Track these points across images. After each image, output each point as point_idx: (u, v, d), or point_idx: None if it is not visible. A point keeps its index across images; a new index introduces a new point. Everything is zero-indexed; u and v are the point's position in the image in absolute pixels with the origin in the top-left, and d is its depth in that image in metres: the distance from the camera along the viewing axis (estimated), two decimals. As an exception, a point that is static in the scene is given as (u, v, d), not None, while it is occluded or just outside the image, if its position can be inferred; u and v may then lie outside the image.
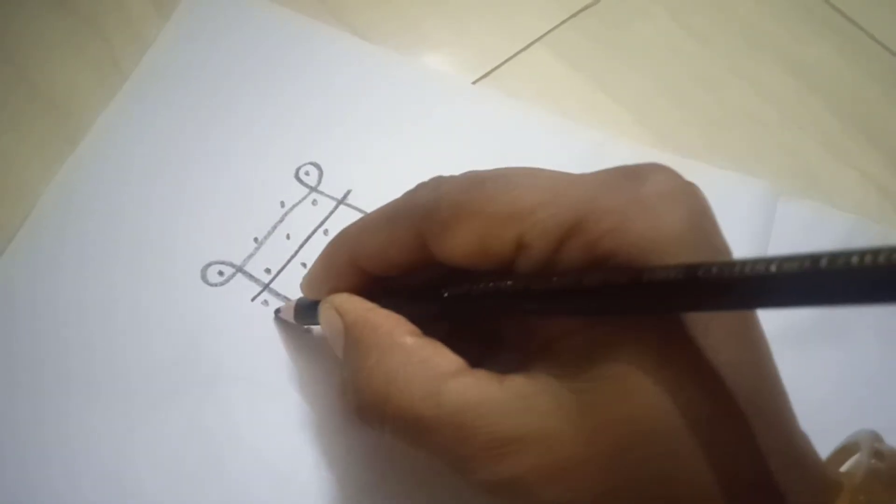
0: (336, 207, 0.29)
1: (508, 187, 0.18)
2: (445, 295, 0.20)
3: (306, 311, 0.25)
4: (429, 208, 0.19)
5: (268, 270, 0.28)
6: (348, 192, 0.29)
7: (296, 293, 0.25)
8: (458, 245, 0.19)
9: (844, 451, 0.20)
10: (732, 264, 0.14)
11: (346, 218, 0.29)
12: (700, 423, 0.16)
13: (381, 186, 0.29)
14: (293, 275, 0.27)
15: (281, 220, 0.29)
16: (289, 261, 0.28)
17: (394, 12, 0.35)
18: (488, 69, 0.34)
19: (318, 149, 0.30)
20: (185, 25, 0.33)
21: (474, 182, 0.19)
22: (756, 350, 0.17)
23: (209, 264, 0.27)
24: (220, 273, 0.27)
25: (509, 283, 0.18)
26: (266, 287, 0.27)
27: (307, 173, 0.30)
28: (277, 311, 0.26)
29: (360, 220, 0.22)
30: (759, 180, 0.30)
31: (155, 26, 0.33)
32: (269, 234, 0.28)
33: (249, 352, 0.26)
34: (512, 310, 0.19)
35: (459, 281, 0.20)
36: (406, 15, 0.35)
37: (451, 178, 0.20)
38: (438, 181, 0.20)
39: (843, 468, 0.19)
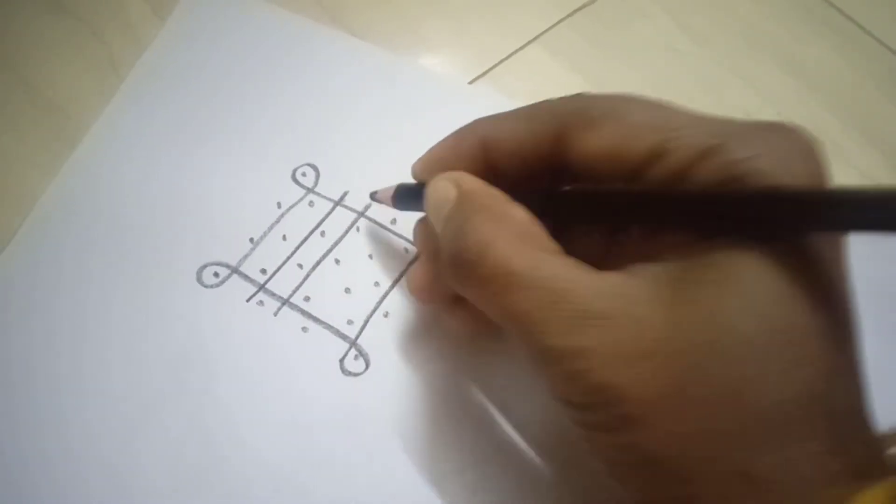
0: (333, 209, 0.29)
1: (655, 105, 0.19)
2: (565, 189, 0.21)
3: (409, 193, 0.25)
4: (577, 107, 0.20)
5: (263, 271, 0.28)
6: (345, 194, 0.29)
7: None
8: (599, 142, 0.19)
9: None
10: (863, 189, 0.15)
11: (342, 219, 0.29)
12: (792, 344, 0.16)
13: (378, 187, 0.29)
14: (289, 276, 0.27)
15: (277, 221, 0.29)
16: (285, 261, 0.28)
17: (390, 13, 0.35)
18: (485, 69, 0.34)
19: (315, 150, 0.30)
20: (182, 27, 0.33)
21: (622, 96, 0.20)
22: (847, 285, 0.18)
23: (205, 266, 0.27)
24: (216, 274, 0.27)
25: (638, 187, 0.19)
26: (262, 287, 0.27)
27: (304, 174, 0.30)
28: (374, 194, 0.27)
29: (496, 114, 0.23)
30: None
31: (153, 28, 0.33)
32: (265, 234, 0.28)
33: (246, 352, 0.26)
34: (635, 215, 0.20)
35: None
36: (403, 16, 0.35)
37: (598, 93, 0.20)
38: (583, 93, 0.21)
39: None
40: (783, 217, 0.16)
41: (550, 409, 0.25)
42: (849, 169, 0.32)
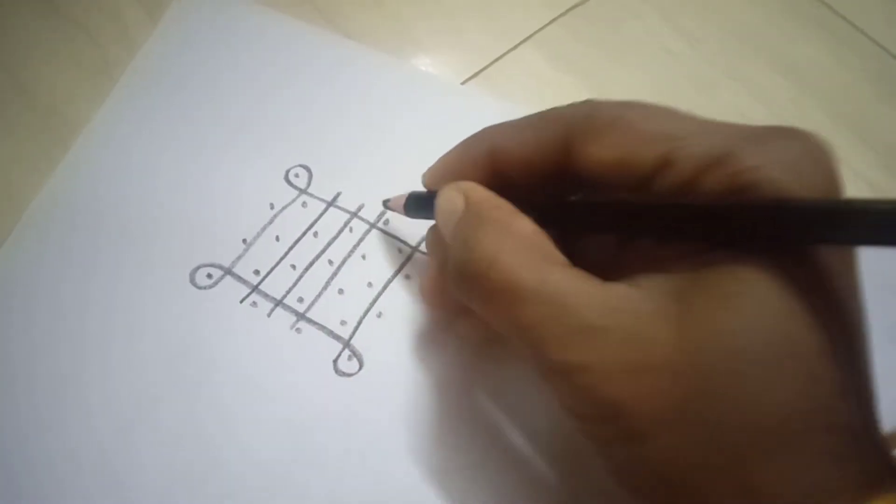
0: (326, 210, 0.29)
1: (662, 113, 0.19)
2: (572, 199, 0.21)
3: (420, 202, 0.25)
4: (584, 115, 0.20)
5: (256, 272, 0.28)
6: (338, 195, 0.29)
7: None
8: (606, 151, 0.19)
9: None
10: (877, 201, 0.14)
11: (335, 220, 0.29)
12: (800, 358, 0.16)
13: (370, 188, 0.30)
14: (282, 276, 0.28)
15: (270, 222, 0.29)
16: (278, 262, 0.28)
17: (383, 14, 0.35)
18: (477, 69, 0.34)
19: (308, 151, 0.30)
20: (175, 29, 0.33)
21: (629, 104, 0.20)
22: (858, 299, 0.18)
23: (198, 267, 0.27)
24: (209, 276, 0.27)
25: (645, 197, 0.19)
26: (255, 289, 0.27)
27: (297, 175, 0.30)
28: (386, 202, 0.27)
29: (504, 122, 0.23)
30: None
31: (146, 30, 0.33)
32: (258, 235, 0.28)
33: (239, 353, 0.26)
34: (639, 225, 0.19)
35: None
36: (395, 17, 0.35)
37: (605, 100, 0.20)
38: (591, 100, 0.21)
39: None
40: (791, 229, 0.16)
41: (544, 411, 0.25)
42: (842, 169, 0.32)
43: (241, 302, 0.27)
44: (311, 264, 0.28)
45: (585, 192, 0.21)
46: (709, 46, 0.35)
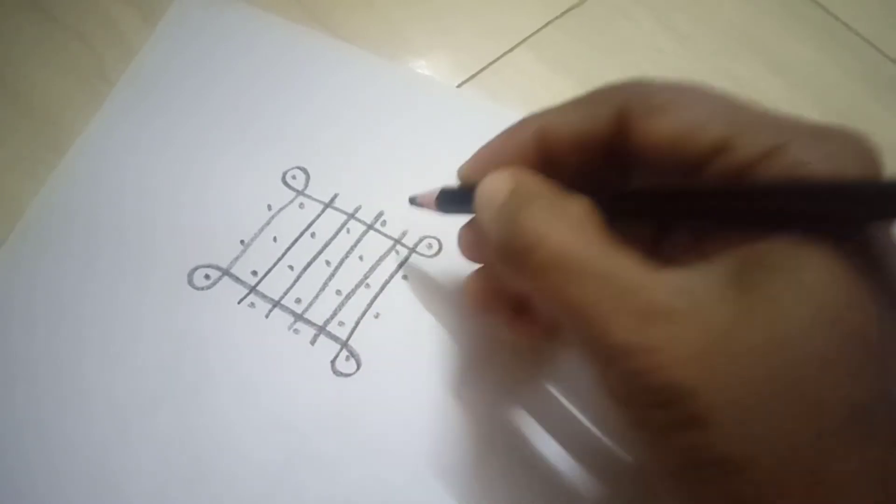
0: (323, 211, 0.29)
1: (721, 97, 0.19)
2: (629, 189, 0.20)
3: (456, 196, 0.24)
4: (642, 92, 0.19)
5: (254, 273, 0.28)
6: (335, 196, 0.30)
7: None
8: (665, 129, 0.18)
9: None
10: None
11: (332, 221, 0.29)
12: (863, 345, 0.16)
13: (367, 190, 0.30)
14: (280, 277, 0.28)
15: (268, 223, 0.29)
16: (275, 263, 0.28)
17: (378, 18, 0.35)
18: (473, 72, 0.34)
19: (305, 153, 0.30)
20: (172, 34, 0.33)
21: (687, 84, 0.19)
22: None
23: (196, 268, 0.27)
24: (207, 277, 0.27)
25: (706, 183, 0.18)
26: (253, 289, 0.27)
27: (294, 177, 0.30)
28: (413, 199, 0.26)
29: (549, 107, 0.21)
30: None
31: (142, 36, 0.33)
32: (256, 236, 0.28)
33: (237, 353, 0.26)
34: (700, 211, 0.19)
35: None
36: (391, 20, 0.35)
37: (660, 79, 0.20)
38: (645, 78, 0.20)
39: None
40: (845, 209, 0.16)
41: (542, 406, 0.25)
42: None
43: (239, 303, 0.27)
44: (309, 265, 0.28)
45: (638, 175, 0.20)
46: (703, 47, 0.36)
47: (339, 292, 0.27)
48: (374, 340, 0.27)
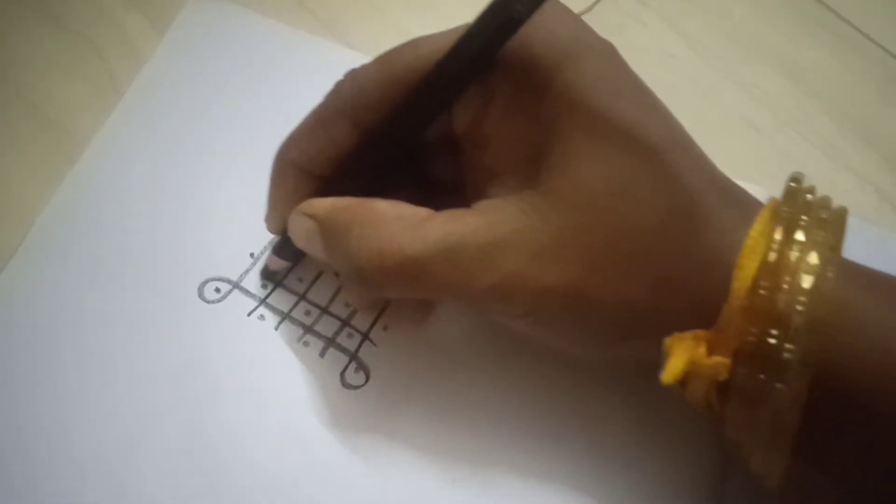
0: (332, 221, 0.29)
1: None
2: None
3: (284, 245, 0.26)
4: (355, 96, 0.23)
5: (264, 285, 0.28)
6: (344, 205, 0.29)
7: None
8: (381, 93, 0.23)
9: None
10: None
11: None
12: (644, 186, 0.19)
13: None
14: (289, 289, 0.28)
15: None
16: (285, 276, 0.28)
17: (386, 25, 0.35)
18: (482, 79, 0.34)
19: (314, 162, 0.30)
20: (181, 41, 0.33)
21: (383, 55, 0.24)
22: (657, 108, 0.22)
23: (206, 281, 0.28)
24: (217, 290, 0.27)
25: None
26: (262, 302, 0.27)
27: (303, 187, 0.30)
28: (264, 273, 0.28)
29: (293, 132, 0.25)
30: (756, 186, 0.30)
31: (151, 43, 0.33)
32: (266, 249, 0.28)
33: (247, 366, 0.26)
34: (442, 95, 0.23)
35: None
36: (398, 27, 0.35)
37: (362, 65, 0.24)
38: (351, 72, 0.24)
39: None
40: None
41: (553, 418, 0.25)
42: (847, 172, 0.32)
43: (249, 315, 0.27)
44: (318, 277, 0.28)
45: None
46: (713, 52, 0.35)
47: (347, 304, 0.27)
48: (384, 352, 0.27)
